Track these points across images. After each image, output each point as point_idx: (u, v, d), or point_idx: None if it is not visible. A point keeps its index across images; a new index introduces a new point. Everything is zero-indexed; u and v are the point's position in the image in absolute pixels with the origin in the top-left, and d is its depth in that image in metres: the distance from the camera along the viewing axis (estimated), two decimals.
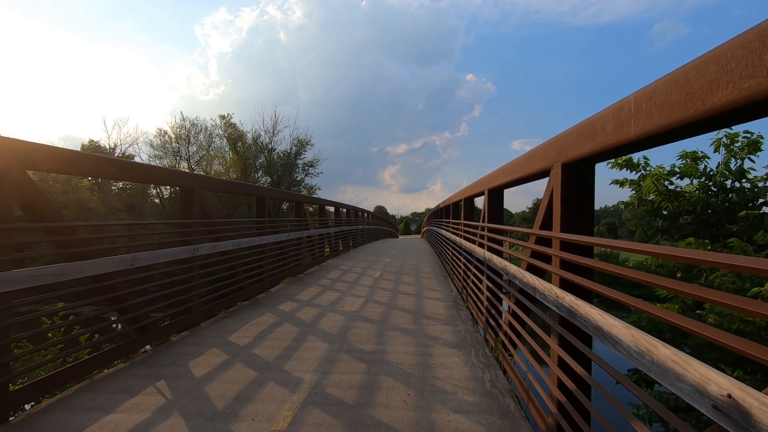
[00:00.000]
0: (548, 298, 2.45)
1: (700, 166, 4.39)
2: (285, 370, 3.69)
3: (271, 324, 5.21)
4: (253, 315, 5.67)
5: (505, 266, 3.67)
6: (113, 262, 3.68)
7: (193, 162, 33.68)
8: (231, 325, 5.15)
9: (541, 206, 2.86)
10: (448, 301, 6.73)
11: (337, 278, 9.09)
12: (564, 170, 2.46)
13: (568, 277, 2.22)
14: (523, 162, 3.35)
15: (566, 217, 2.45)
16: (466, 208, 7.47)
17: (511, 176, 3.78)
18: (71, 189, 25.77)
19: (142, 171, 4.30)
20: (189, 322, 5.00)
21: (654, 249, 1.55)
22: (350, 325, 5.19)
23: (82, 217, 25.42)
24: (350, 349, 4.27)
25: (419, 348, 4.31)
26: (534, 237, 2.98)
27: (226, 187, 7.49)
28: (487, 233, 4.68)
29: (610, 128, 1.82)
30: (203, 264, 5.39)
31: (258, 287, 7.15)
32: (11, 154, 2.88)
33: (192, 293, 5.05)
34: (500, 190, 4.88)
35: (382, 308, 6.13)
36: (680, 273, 4.07)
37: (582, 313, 1.94)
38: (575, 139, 2.26)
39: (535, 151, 3.02)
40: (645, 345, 1.40)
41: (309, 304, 6.39)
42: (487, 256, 4.62)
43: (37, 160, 3.15)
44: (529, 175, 3.28)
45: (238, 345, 4.39)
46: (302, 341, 4.52)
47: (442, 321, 5.40)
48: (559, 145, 2.52)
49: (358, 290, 7.59)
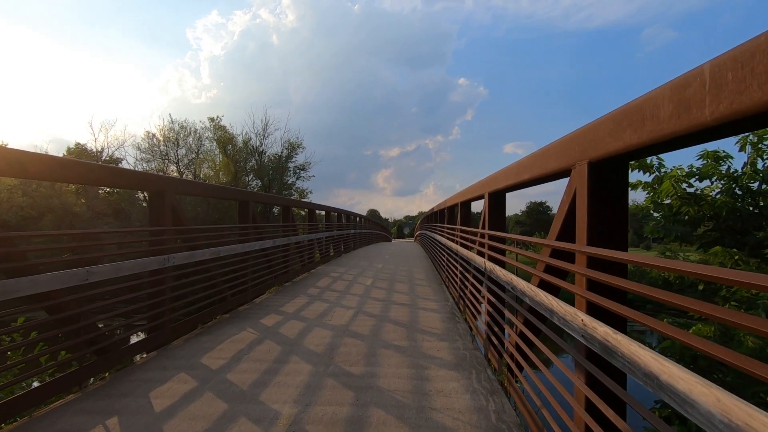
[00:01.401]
0: (571, 325, 2.02)
1: (722, 167, 4.02)
2: (260, 400, 3.22)
3: (250, 342, 4.72)
4: (231, 331, 5.17)
5: (512, 280, 3.24)
6: (61, 278, 3.19)
7: (183, 165, 33.04)
8: (206, 344, 4.66)
9: (559, 214, 2.44)
10: (444, 312, 6.29)
11: (326, 287, 8.61)
12: (592, 170, 2.03)
13: (599, 301, 1.79)
14: (533, 161, 2.92)
15: (594, 228, 2.02)
16: (463, 212, 7.05)
17: (517, 178, 3.35)
18: (55, 193, 25.01)
19: (100, 174, 3.81)
20: (158, 341, 4.50)
21: (732, 275, 1.13)
22: (338, 341, 4.72)
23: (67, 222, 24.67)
24: (337, 372, 3.80)
25: (414, 370, 3.86)
26: (549, 249, 2.56)
27: (204, 191, 6.98)
28: (488, 241, 4.25)
29: (666, 113, 1.40)
30: (176, 275, 4.90)
31: (240, 298, 6.65)
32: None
33: (162, 308, 4.55)
34: (502, 194, 4.45)
35: (373, 321, 5.67)
36: (702, 285, 3.69)
37: (625, 353, 1.51)
38: (609, 130, 1.83)
39: (551, 148, 2.60)
40: (744, 418, 0.97)
41: (295, 317, 5.91)
42: (488, 266, 4.19)
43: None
44: (540, 177, 2.85)
45: (210, 368, 3.90)
46: (284, 363, 4.04)
47: (438, 336, 4.96)
48: (585, 139, 2.09)
49: (348, 300, 7.12)
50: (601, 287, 1.85)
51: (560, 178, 2.61)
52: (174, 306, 4.81)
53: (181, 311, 5.02)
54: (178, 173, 32.46)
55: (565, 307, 2.09)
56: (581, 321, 1.88)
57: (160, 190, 4.53)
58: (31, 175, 3.20)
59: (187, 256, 5.02)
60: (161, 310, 4.54)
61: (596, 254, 1.80)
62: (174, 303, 4.83)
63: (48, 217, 24.27)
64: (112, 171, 4.02)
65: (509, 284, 3.34)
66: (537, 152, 2.87)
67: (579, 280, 2.06)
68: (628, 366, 1.49)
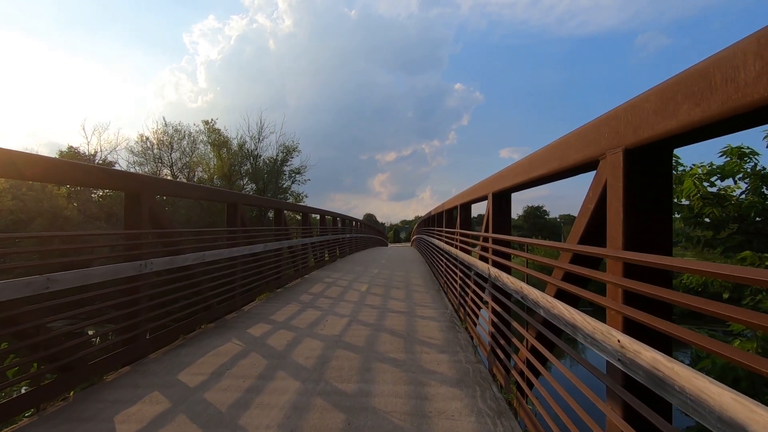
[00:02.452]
0: (602, 345, 1.68)
1: (747, 164, 3.71)
2: (240, 425, 2.85)
3: (234, 355, 4.35)
4: (215, 342, 4.79)
5: (521, 288, 2.90)
6: (13, 287, 2.82)
7: (176, 169, 32.59)
8: (186, 357, 4.28)
9: (582, 214, 2.11)
10: (444, 320, 5.94)
11: (320, 293, 8.24)
12: (629, 159, 1.69)
13: (641, 318, 1.45)
14: (548, 154, 2.58)
15: (632, 229, 1.68)
16: (463, 215, 6.72)
17: (527, 175, 3.02)
18: (45, 197, 24.52)
19: (65, 170, 3.43)
20: (133, 355, 4.12)
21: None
22: (330, 354, 4.36)
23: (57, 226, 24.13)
24: (327, 390, 3.44)
25: (413, 387, 3.51)
26: (569, 254, 2.23)
27: (186, 191, 6.49)
28: (492, 245, 3.91)
29: (751, 73, 1.07)
30: (155, 282, 4.53)
31: (227, 306, 6.28)
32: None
33: (138, 319, 4.18)
34: (507, 195, 4.12)
35: (368, 331, 5.31)
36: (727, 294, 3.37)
37: (688, 389, 1.17)
38: (656, 108, 1.49)
39: (571, 138, 2.26)
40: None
41: (284, 327, 5.54)
42: (492, 273, 3.85)
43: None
44: (556, 172, 2.51)
45: (187, 386, 3.53)
46: (269, 379, 3.68)
47: (438, 348, 4.61)
48: (620, 122, 1.74)
49: (342, 308, 6.76)
50: (641, 300, 1.52)
51: (583, 171, 2.28)
52: (152, 316, 4.44)
53: (161, 321, 4.64)
54: (172, 177, 32.01)
55: (594, 323, 1.75)
56: (617, 342, 1.55)
57: (135, 191, 4.17)
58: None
59: (167, 262, 4.65)
60: (137, 320, 4.17)
61: (637, 261, 1.47)
62: (152, 312, 4.45)
63: (38, 221, 23.79)
64: (79, 168, 3.65)
65: (518, 293, 3.00)
66: (553, 143, 2.54)
67: (612, 292, 1.73)
68: (692, 405, 1.16)
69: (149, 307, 4.38)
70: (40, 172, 3.35)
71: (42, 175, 3.39)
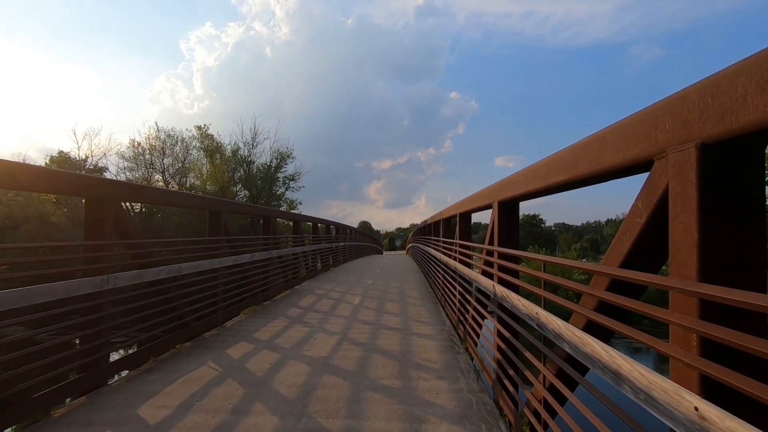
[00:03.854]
0: (665, 408, 1.23)
1: None
2: None
3: (208, 381, 3.86)
4: (188, 366, 4.30)
5: (537, 315, 2.46)
6: None
7: (168, 175, 31.99)
8: (152, 385, 3.79)
9: (626, 228, 1.67)
10: (442, 338, 5.49)
11: (309, 306, 7.75)
12: (706, 158, 1.23)
13: (737, 384, 1.02)
14: (576, 155, 2.09)
15: (713, 252, 1.23)
16: (462, 225, 6.29)
17: (545, 182, 2.58)
18: (32, 202, 23.87)
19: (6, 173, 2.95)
20: (90, 383, 3.63)
21: None
22: (316, 381, 3.89)
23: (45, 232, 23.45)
24: (310, 427, 2.98)
25: (408, 424, 3.04)
26: (606, 279, 1.80)
27: (159, 197, 5.95)
28: (499, 260, 3.48)
29: None
30: (120, 300, 4.04)
31: (208, 322, 5.78)
32: None
33: (98, 341, 3.70)
34: (516, 203, 3.69)
35: (359, 351, 4.84)
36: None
37: None
38: (761, 84, 1.07)
39: (609, 133, 1.78)
40: None
41: (268, 346, 5.05)
42: (498, 291, 3.41)
43: None
44: (588, 176, 2.00)
45: (146, 423, 3.04)
46: (244, 414, 3.20)
47: (436, 372, 4.15)
48: (693, 106, 1.27)
49: (332, 324, 6.28)
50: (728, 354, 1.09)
51: (626, 175, 1.85)
52: (117, 337, 3.96)
53: (127, 342, 4.15)
54: (164, 183, 31.43)
55: (652, 376, 1.31)
56: (693, 411, 1.11)
57: (96, 196, 3.70)
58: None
59: (135, 276, 4.17)
60: (97, 343, 3.68)
61: (725, 299, 1.04)
62: (116, 333, 3.97)
63: (25, 228, 23.12)
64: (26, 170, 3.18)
65: (532, 319, 2.56)
66: (582, 142, 2.09)
67: (681, 337, 1.29)
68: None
69: (113, 328, 3.90)
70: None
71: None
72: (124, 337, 4.13)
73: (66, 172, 3.71)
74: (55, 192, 3.41)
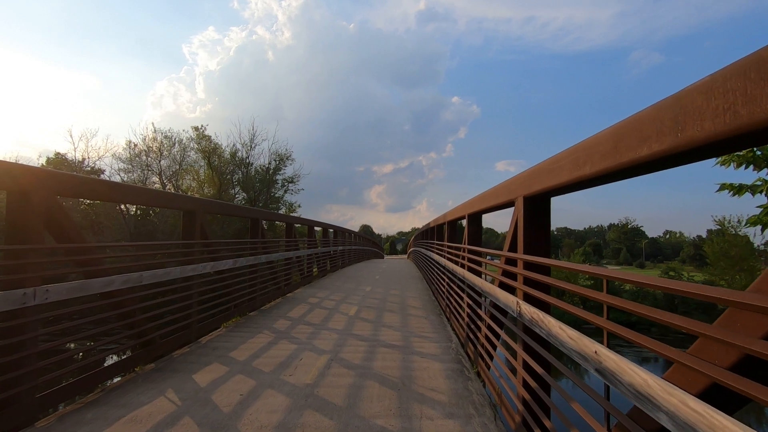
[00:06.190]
0: None
1: None
2: None
3: (158, 423, 3.08)
4: (140, 398, 3.52)
5: (597, 355, 1.68)
6: None
7: (165, 177, 31.28)
8: (87, 426, 3.01)
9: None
10: (448, 358, 4.71)
11: (299, 317, 6.97)
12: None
13: None
14: (632, 127, 1.33)
15: None
16: (471, 228, 5.51)
17: (603, 164, 1.81)
18: None
19: None
20: (7, 425, 2.86)
21: None
22: (294, 420, 3.11)
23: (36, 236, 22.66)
24: None
25: None
26: None
27: (116, 194, 4.85)
28: (524, 271, 2.69)
29: None
30: (53, 319, 3.29)
31: (177, 339, 5.01)
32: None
33: (20, 371, 2.93)
34: (546, 198, 2.87)
35: (351, 377, 4.07)
36: None
37: None
38: None
39: (692, 91, 1.05)
40: None
41: (244, 370, 4.28)
42: (524, 311, 2.63)
43: None
44: (661, 157, 1.25)
45: None
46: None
47: (444, 407, 3.38)
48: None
49: (322, 339, 5.50)
50: None
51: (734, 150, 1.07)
52: (47, 364, 3.19)
53: (62, 371, 3.37)
54: (161, 185, 30.74)
55: None
56: None
57: (20, 189, 2.95)
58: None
59: (76, 288, 3.40)
60: (18, 374, 2.92)
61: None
62: (47, 360, 3.21)
63: None
64: None
65: (589, 362, 1.78)
66: (633, 117, 1.30)
67: None
68: None
69: (42, 354, 3.13)
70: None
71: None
72: (59, 365, 3.35)
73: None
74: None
